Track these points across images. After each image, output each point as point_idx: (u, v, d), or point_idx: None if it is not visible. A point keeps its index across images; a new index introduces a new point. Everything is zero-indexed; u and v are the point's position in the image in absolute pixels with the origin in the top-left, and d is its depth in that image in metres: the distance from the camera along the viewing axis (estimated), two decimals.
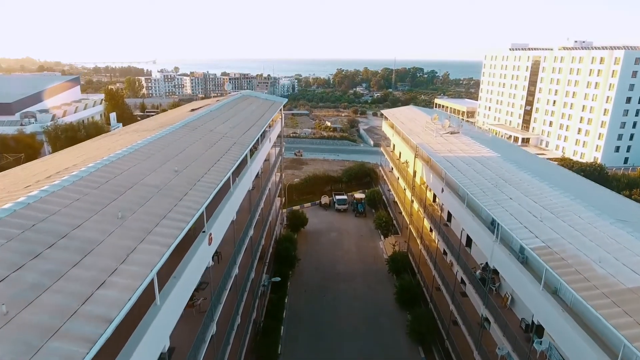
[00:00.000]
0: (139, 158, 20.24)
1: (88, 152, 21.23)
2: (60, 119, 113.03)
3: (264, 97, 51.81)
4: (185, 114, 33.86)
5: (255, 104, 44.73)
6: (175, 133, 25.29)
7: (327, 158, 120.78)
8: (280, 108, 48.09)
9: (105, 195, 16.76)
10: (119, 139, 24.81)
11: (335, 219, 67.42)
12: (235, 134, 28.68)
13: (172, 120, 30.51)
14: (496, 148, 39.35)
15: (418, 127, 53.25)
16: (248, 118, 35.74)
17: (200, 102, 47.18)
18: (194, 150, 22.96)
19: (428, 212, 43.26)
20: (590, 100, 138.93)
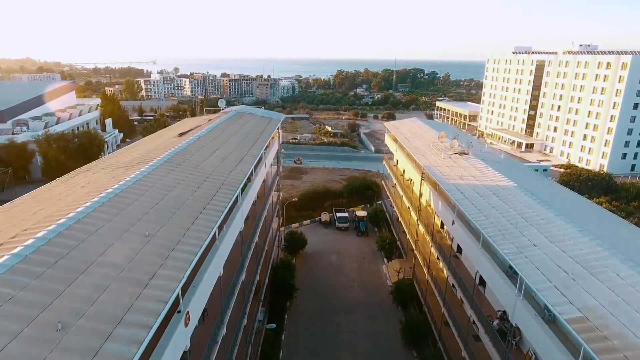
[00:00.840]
0: (104, 217, 17.02)
1: (47, 206, 18.23)
2: (53, 127, 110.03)
3: (261, 113, 48.71)
4: (172, 141, 30.88)
5: (250, 124, 41.69)
6: (154, 174, 22.13)
7: (327, 166, 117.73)
8: (277, 126, 45.07)
9: (37, 299, 12.78)
10: (90, 181, 21.77)
11: (335, 238, 64.32)
12: (225, 169, 25.66)
13: (156, 151, 27.48)
14: (511, 174, 36.39)
15: (424, 144, 50.25)
16: (241, 144, 32.73)
17: (191, 121, 44.15)
18: (173, 200, 19.81)
19: (436, 240, 40.29)
20: (596, 106, 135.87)
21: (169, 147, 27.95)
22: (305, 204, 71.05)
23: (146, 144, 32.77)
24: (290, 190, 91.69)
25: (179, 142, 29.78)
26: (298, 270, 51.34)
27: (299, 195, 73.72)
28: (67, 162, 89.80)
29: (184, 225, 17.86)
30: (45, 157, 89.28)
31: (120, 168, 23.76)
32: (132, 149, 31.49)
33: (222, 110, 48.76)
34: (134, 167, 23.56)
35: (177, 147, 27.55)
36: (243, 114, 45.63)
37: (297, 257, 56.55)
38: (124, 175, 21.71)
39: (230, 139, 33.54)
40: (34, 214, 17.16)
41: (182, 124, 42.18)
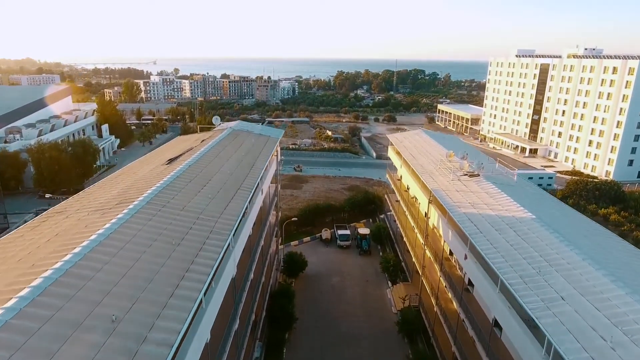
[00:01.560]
0: (66, 293, 14.19)
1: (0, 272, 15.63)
2: (47, 135, 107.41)
3: (258, 130, 45.88)
4: (159, 171, 28.13)
5: (246, 145, 38.97)
6: (132, 222, 19.25)
7: (328, 174, 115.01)
8: (275, 145, 42.34)
9: None
10: (59, 231, 19.00)
11: (337, 258, 61.50)
12: (216, 208, 23.03)
13: (141, 185, 24.80)
14: (525, 200, 33.78)
15: (430, 162, 47.59)
16: (235, 172, 30.04)
17: (183, 142, 41.38)
18: (151, 261, 16.96)
19: (444, 269, 37.66)
20: (602, 112, 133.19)
21: (154, 180, 25.23)
22: (306, 219, 68.25)
23: (132, 172, 30.07)
24: (290, 202, 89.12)
25: (166, 172, 27.03)
26: (298, 295, 48.54)
27: (299, 210, 71.00)
28: (61, 172, 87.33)
29: (162, 297, 15.11)
30: (38, 167, 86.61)
31: (97, 211, 21.14)
32: (116, 179, 28.80)
33: (216, 128, 46.02)
34: (112, 209, 20.93)
35: (163, 181, 24.75)
36: (239, 132, 42.78)
37: (296, 279, 53.86)
38: (99, 223, 19.06)
39: (224, 166, 30.81)
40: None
41: (174, 145, 39.47)
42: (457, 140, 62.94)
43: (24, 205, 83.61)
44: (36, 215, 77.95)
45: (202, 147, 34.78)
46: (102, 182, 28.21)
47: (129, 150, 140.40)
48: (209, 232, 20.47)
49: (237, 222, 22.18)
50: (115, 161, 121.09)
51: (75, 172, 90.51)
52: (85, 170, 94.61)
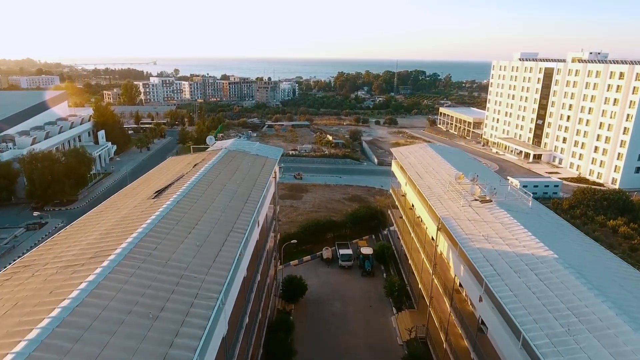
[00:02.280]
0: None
1: None
2: (41, 143, 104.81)
3: (255, 150, 43.07)
4: (143, 208, 25.36)
5: (242, 169, 36.24)
6: (106, 284, 16.56)
7: (328, 183, 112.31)
8: (273, 168, 39.69)
9: None
10: (19, 300, 16.33)
11: (339, 280, 58.67)
12: (204, 259, 20.39)
13: (120, 229, 22.12)
14: (544, 233, 31.16)
15: (438, 183, 44.95)
16: (228, 209, 27.32)
17: (176, 163, 38.62)
18: (120, 347, 14.41)
19: (455, 305, 35.09)
20: (608, 118, 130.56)
21: (137, 222, 22.60)
22: (306, 237, 65.50)
23: (116, 207, 27.40)
24: (289, 214, 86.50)
25: (151, 211, 24.29)
26: (297, 323, 45.77)
27: (299, 227, 68.31)
28: (54, 183, 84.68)
29: None
30: (30, 178, 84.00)
31: (67, 268, 18.54)
32: (97, 217, 26.09)
33: (210, 149, 43.25)
34: (85, 265, 18.35)
35: (146, 224, 22.00)
36: (234, 153, 39.99)
37: (296, 305, 51.19)
38: (65, 289, 16.45)
39: (216, 199, 28.16)
40: None
41: (164, 169, 36.71)
42: (463, 155, 60.28)
43: (15, 218, 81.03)
44: (27, 230, 75.60)
45: (194, 174, 32.09)
46: (82, 221, 25.53)
47: (126, 157, 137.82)
48: (195, 296, 17.82)
49: (228, 276, 19.60)
50: (112, 169, 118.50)
51: (69, 182, 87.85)
52: (79, 180, 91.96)
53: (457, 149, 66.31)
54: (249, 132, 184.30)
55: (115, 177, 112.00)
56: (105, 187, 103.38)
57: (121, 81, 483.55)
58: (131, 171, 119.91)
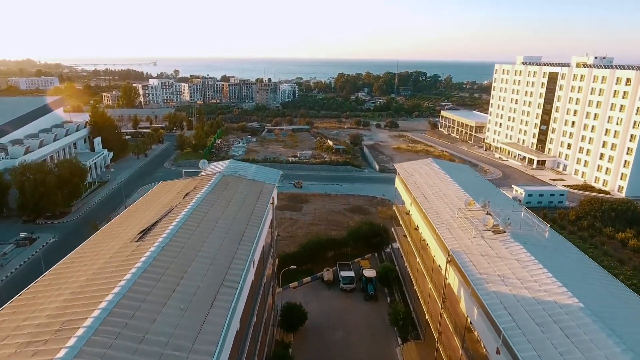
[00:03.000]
0: None
1: None
2: (35, 152, 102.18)
3: (251, 174, 40.35)
4: (123, 258, 22.69)
5: (237, 198, 33.63)
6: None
7: (329, 193, 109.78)
8: (271, 194, 37.10)
9: None
10: None
11: (340, 305, 55.92)
12: (188, 328, 17.75)
13: (92, 290, 19.40)
14: (566, 272, 28.68)
15: (446, 207, 42.41)
16: (219, 254, 24.73)
17: (166, 192, 35.90)
18: None
19: (466, 346, 32.57)
20: (614, 124, 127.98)
21: (113, 280, 19.98)
22: (306, 256, 62.89)
23: (93, 253, 24.73)
24: (289, 227, 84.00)
25: (132, 261, 21.65)
26: (296, 353, 43.34)
27: (299, 247, 65.67)
28: (46, 195, 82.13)
29: None
30: (21, 190, 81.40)
31: (29, 346, 16.00)
32: (70, 268, 23.46)
33: (203, 173, 40.58)
34: (47, 344, 15.76)
35: (124, 282, 19.36)
36: (229, 179, 37.27)
37: (295, 335, 48.61)
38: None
39: (206, 242, 25.56)
40: None
41: (152, 200, 33.95)
42: (470, 172, 57.63)
43: (5, 232, 78.51)
44: (16, 246, 73.01)
45: (184, 207, 29.54)
46: (53, 273, 22.91)
47: (123, 164, 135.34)
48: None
49: (216, 351, 17.09)
50: (108, 177, 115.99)
51: (62, 194, 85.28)
52: (72, 191, 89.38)
53: (464, 165, 63.73)
54: (248, 137, 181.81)
55: (110, 187, 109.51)
56: (100, 198, 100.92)
57: (121, 82, 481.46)
58: (127, 180, 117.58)
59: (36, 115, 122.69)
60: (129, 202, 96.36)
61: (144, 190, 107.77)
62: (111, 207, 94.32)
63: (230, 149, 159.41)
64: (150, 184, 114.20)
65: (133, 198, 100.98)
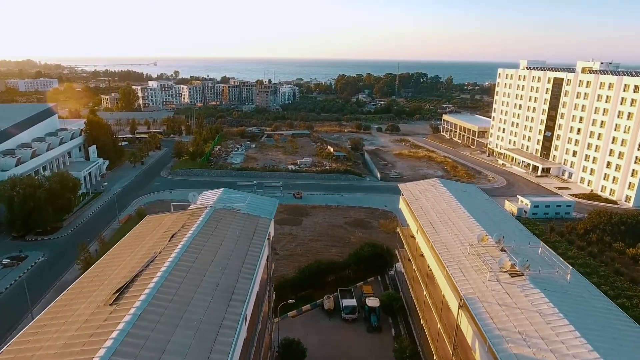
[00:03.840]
0: None
1: None
2: (27, 163, 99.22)
3: (246, 206, 37.08)
4: (93, 328, 19.61)
5: (230, 237, 30.31)
6: None
7: (329, 205, 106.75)
8: (267, 232, 34.00)
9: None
10: None
11: (342, 337, 52.54)
12: None
13: (65, 357, 16.57)
14: (594, 328, 25.78)
15: (456, 240, 39.37)
16: (207, 315, 21.74)
17: (151, 230, 32.76)
18: None
19: None
20: (621, 132, 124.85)
21: (84, 354, 17.09)
22: (305, 282, 59.69)
23: (61, 321, 21.60)
24: (288, 244, 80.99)
25: (101, 340, 18.66)
26: None
27: (297, 271, 62.52)
28: (35, 211, 79.05)
29: None
30: (10, 206, 78.32)
31: None
32: (34, 339, 20.51)
33: (193, 206, 37.35)
34: None
35: (112, 340, 16.61)
36: (222, 214, 34.20)
37: None
38: None
39: (192, 302, 22.47)
40: None
41: (135, 242, 30.84)
42: (479, 195, 54.44)
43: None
44: (3, 267, 69.94)
45: (169, 255, 26.47)
46: (14, 350, 19.81)
47: (119, 173, 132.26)
48: None
49: None
50: (102, 187, 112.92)
51: (53, 208, 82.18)
52: (64, 206, 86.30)
53: (472, 186, 60.65)
54: (247, 143, 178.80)
55: (105, 198, 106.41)
56: (93, 211, 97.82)
57: (120, 83, 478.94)
58: (122, 190, 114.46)
59: (30, 123, 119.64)
60: (122, 216, 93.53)
61: (139, 202, 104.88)
62: (104, 221, 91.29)
63: (228, 155, 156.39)
64: (146, 194, 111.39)
65: (128, 211, 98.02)
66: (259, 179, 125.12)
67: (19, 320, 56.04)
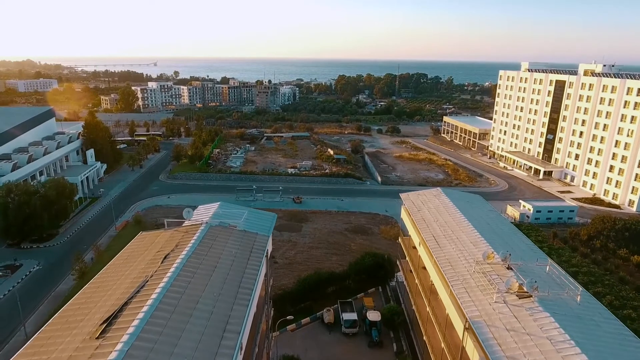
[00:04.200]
0: None
1: None
2: (23, 168, 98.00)
3: (243, 222, 35.44)
4: (82, 351, 18.58)
5: (224, 264, 28.71)
6: None
7: (330, 210, 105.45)
8: (265, 250, 32.63)
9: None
10: None
11: (342, 352, 50.77)
12: None
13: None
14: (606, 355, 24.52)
15: (461, 256, 38.08)
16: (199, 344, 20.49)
17: (144, 248, 31.40)
18: None
19: None
20: (624, 136, 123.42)
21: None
22: (305, 293, 58.27)
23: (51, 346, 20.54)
24: (287, 251, 79.63)
25: None
26: None
27: (296, 281, 61.12)
28: (31, 219, 77.72)
29: None
30: (4, 213, 76.95)
31: None
32: None
33: (187, 223, 35.80)
34: None
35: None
36: (217, 231, 32.70)
37: None
38: None
39: (185, 331, 21.23)
40: None
41: (126, 263, 29.40)
42: (483, 205, 53.09)
43: None
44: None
45: (160, 280, 25.09)
46: None
47: (117, 176, 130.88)
48: None
49: None
50: (100, 193, 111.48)
51: (49, 215, 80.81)
52: (60, 213, 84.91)
53: (476, 196, 59.15)
54: (246, 146, 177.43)
55: (102, 203, 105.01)
56: (90, 217, 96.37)
57: (120, 84, 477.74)
58: (120, 195, 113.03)
59: (27, 127, 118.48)
60: (119, 222, 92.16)
61: (136, 208, 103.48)
62: (101, 228, 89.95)
63: (227, 159, 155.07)
64: (144, 199, 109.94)
65: (125, 217, 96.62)
66: (258, 183, 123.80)
67: (10, 334, 54.74)
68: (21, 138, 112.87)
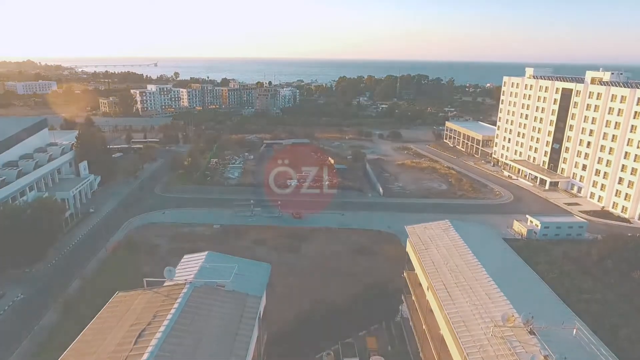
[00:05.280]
0: None
1: None
2: (11, 185, 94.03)
3: (232, 280, 31.11)
4: None
5: (208, 338, 25.19)
6: None
7: (330, 226, 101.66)
8: (257, 311, 28.76)
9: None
10: None
11: None
12: None
13: None
14: None
15: (476, 315, 34.23)
16: None
17: (119, 317, 27.68)
18: None
19: None
20: (634, 147, 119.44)
21: None
22: (300, 334, 54.41)
23: None
24: (284, 277, 74.66)
25: None
26: None
27: (293, 318, 57.35)
28: (16, 244, 73.75)
29: None
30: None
31: None
32: None
33: (168, 284, 31.72)
34: None
35: None
36: (202, 293, 28.50)
37: None
38: None
39: None
40: None
41: (97, 337, 25.77)
42: (496, 242, 49.37)
43: None
44: None
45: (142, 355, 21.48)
46: None
47: (111, 189, 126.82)
48: None
49: None
50: (91, 210, 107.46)
51: (36, 238, 76.82)
52: (47, 238, 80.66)
53: (488, 229, 55.40)
54: (245, 155, 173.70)
55: (93, 220, 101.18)
56: (79, 237, 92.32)
57: (120, 85, 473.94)
58: (112, 211, 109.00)
59: (19, 139, 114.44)
60: (110, 243, 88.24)
61: (129, 226, 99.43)
62: (90, 250, 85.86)
63: (225, 169, 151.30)
64: (138, 215, 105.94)
65: (117, 236, 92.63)
66: (256, 196, 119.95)
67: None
68: (12, 151, 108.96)
